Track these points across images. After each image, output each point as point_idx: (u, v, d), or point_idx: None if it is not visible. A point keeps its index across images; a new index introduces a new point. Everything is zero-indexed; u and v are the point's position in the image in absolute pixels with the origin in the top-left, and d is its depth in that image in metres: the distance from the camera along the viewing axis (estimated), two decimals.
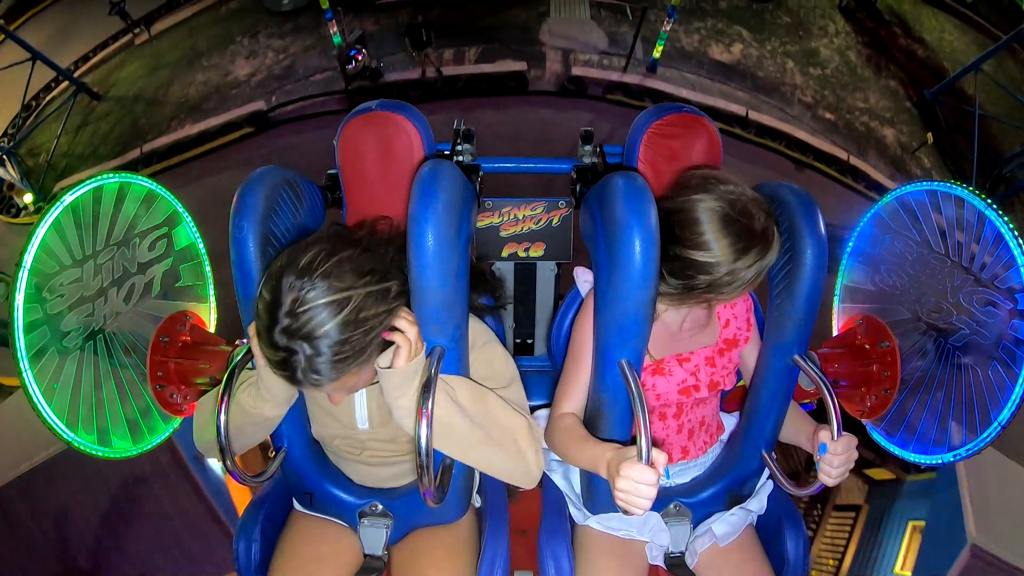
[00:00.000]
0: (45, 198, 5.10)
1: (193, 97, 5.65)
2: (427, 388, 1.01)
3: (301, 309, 0.91)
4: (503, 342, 1.28)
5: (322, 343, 0.92)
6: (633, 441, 0.99)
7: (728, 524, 1.31)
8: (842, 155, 5.20)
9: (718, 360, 1.28)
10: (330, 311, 0.92)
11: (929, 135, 5.19)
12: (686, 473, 1.36)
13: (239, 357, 1.14)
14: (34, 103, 5.98)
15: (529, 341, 1.89)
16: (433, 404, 1.00)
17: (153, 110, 5.63)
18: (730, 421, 1.43)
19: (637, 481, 0.95)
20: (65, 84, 5.89)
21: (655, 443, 0.99)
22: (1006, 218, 1.23)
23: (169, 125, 5.46)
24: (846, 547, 5.39)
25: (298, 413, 1.25)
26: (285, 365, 0.95)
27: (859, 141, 5.36)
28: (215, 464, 3.64)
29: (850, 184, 5.14)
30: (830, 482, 1.08)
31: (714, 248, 1.06)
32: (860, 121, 5.49)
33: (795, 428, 1.27)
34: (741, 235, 1.05)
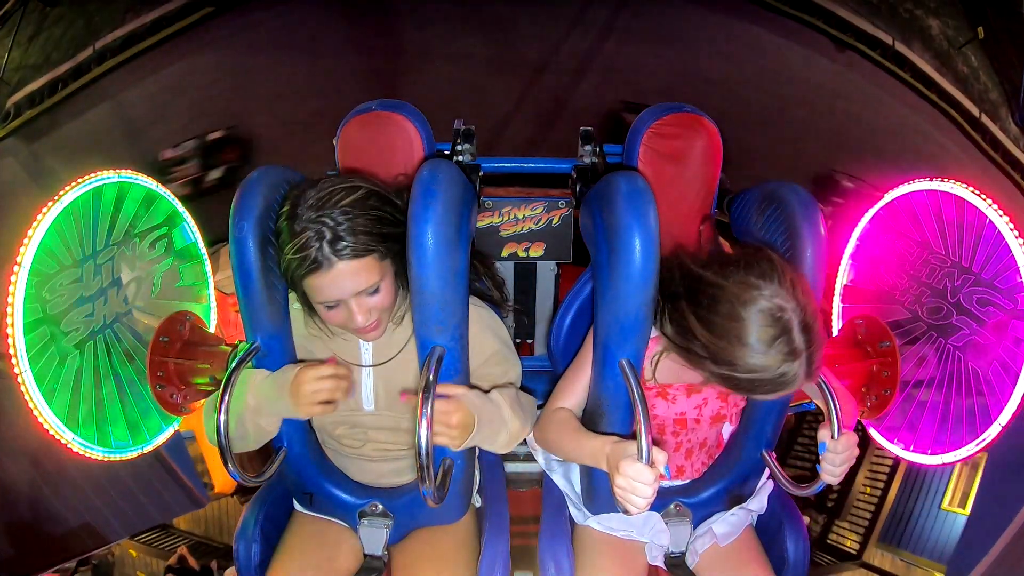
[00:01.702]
0: None
1: None
2: (427, 389, 1.01)
3: (321, 194, 1.05)
4: None
5: (338, 215, 1.04)
6: (633, 436, 1.00)
7: (728, 524, 1.31)
8: (887, 39, 4.75)
9: (732, 396, 1.25)
10: (344, 192, 1.06)
11: (980, 29, 4.77)
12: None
13: (239, 357, 1.14)
14: None
15: (529, 341, 1.90)
16: (433, 404, 1.00)
17: (107, 4, 5.06)
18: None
19: (636, 480, 0.96)
20: None
21: (655, 441, 0.99)
22: (1006, 218, 1.23)
23: (124, 18, 4.92)
24: (890, 477, 4.87)
25: None
26: (307, 244, 1.03)
27: (903, 28, 4.92)
28: None
29: (896, 71, 4.73)
30: (832, 480, 1.09)
31: (739, 338, 0.98)
32: (904, 7, 5.03)
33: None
34: (773, 339, 0.98)
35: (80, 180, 1.25)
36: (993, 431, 1.25)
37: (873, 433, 1.44)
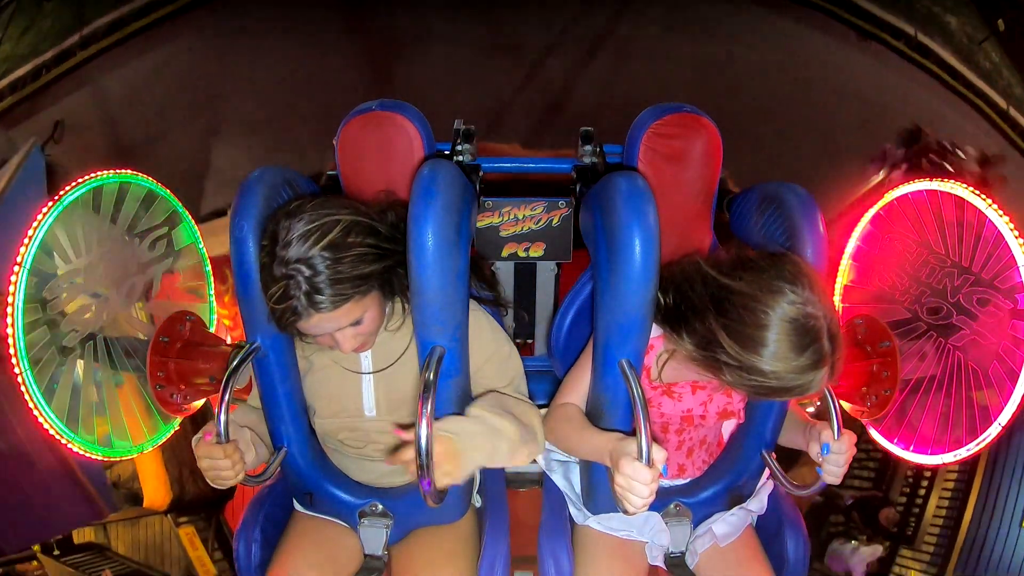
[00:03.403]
0: None
1: None
2: (427, 389, 1.01)
3: (294, 235, 1.01)
4: None
5: (317, 262, 1.00)
6: (634, 435, 1.00)
7: (728, 524, 1.31)
8: (909, 31, 4.73)
9: (735, 393, 1.24)
10: (319, 233, 1.01)
11: (1000, 22, 4.81)
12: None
13: (239, 357, 1.14)
14: None
15: (529, 341, 1.89)
16: (433, 404, 1.00)
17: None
18: (729, 423, 1.42)
19: (634, 479, 0.96)
20: None
21: (654, 439, 0.99)
22: (1006, 218, 1.23)
23: (117, 10, 4.82)
24: (963, 498, 4.44)
25: (298, 413, 1.25)
26: (285, 295, 1.00)
27: (923, 23, 4.90)
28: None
29: (921, 62, 4.66)
30: (834, 481, 1.09)
31: (769, 348, 0.98)
32: (921, 3, 5.03)
33: (793, 429, 1.27)
34: (804, 347, 0.98)
35: (80, 180, 1.25)
36: (993, 431, 1.25)
37: (873, 433, 1.44)
